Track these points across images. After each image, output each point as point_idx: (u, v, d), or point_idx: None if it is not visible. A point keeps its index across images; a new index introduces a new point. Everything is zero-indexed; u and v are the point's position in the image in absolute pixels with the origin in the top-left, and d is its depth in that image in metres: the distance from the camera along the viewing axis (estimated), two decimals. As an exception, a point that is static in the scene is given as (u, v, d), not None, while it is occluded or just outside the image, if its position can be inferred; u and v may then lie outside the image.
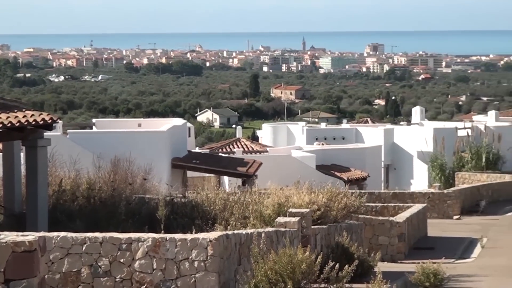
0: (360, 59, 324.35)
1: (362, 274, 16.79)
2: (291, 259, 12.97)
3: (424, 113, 63.77)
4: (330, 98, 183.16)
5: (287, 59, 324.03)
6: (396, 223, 24.00)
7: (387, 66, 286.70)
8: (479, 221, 33.22)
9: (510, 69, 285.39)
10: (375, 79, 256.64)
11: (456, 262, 22.98)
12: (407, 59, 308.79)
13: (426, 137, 50.32)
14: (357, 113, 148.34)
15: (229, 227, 15.70)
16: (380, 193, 35.16)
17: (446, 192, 35.76)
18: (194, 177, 37.12)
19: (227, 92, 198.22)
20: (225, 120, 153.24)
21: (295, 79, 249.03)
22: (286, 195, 18.01)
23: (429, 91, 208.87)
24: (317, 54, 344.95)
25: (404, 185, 49.48)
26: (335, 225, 18.89)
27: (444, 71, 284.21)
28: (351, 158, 46.05)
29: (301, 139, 54.87)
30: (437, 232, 28.77)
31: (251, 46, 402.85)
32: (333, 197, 19.30)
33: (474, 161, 47.91)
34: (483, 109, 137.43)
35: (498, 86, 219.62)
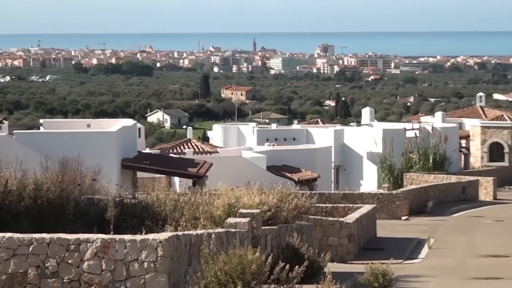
0: (311, 60, 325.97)
1: (312, 274, 16.84)
2: (241, 259, 12.95)
3: (373, 114, 64.31)
4: (280, 99, 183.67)
5: (238, 60, 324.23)
6: (346, 224, 24.13)
7: (337, 67, 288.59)
8: (426, 222, 33.58)
9: (456, 70, 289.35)
10: (325, 80, 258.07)
11: (404, 263, 23.18)
12: (357, 60, 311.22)
13: (376, 138, 50.72)
14: (307, 114, 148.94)
15: (180, 227, 15.62)
16: (330, 194, 35.34)
17: (394, 192, 36.08)
18: (144, 177, 36.89)
19: (177, 93, 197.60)
20: (176, 121, 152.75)
21: (246, 80, 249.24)
22: (236, 195, 17.98)
23: (378, 92, 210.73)
24: (268, 55, 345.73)
25: (354, 185, 49.80)
26: (285, 226, 18.91)
27: (393, 72, 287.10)
28: (302, 158, 46.19)
29: (251, 140, 54.90)
30: (386, 233, 29.00)
31: (202, 46, 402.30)
32: (283, 198, 19.31)
33: (422, 162, 48.42)
34: (430, 110, 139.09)
35: (445, 88, 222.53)
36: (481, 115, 67.82)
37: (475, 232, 30.50)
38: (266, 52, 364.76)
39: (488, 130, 62.52)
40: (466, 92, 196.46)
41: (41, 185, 16.64)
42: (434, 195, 39.30)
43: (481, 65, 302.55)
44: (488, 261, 23.43)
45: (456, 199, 40.67)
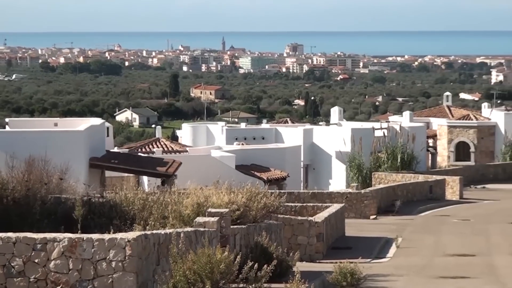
0: (280, 60, 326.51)
1: (281, 274, 16.83)
2: (209, 259, 12.92)
3: (342, 113, 64.50)
4: (250, 98, 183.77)
5: (207, 59, 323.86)
6: (315, 223, 24.16)
7: (306, 66, 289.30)
8: (394, 221, 33.73)
9: (423, 70, 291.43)
10: (294, 79, 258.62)
11: (372, 262, 23.26)
12: (326, 60, 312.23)
13: (344, 138, 50.88)
14: (276, 114, 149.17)
15: (148, 227, 15.55)
16: (299, 193, 35.38)
17: (363, 192, 36.19)
18: (112, 176, 36.69)
19: (146, 92, 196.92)
20: (145, 120, 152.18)
21: (215, 79, 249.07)
22: (205, 195, 17.94)
23: (347, 91, 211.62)
24: (237, 54, 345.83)
25: (323, 185, 49.91)
26: (254, 225, 18.89)
27: (362, 71, 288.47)
28: (271, 158, 46.22)
29: (220, 139, 54.83)
30: (355, 232, 29.09)
31: (171, 45, 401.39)
32: (252, 197, 19.30)
33: (390, 161, 48.64)
34: (398, 109, 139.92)
35: (413, 87, 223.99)
36: (448, 114, 68.31)
37: (442, 231, 30.70)
38: (235, 51, 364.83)
39: (455, 129, 62.99)
40: (433, 91, 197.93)
41: (7, 184, 16.47)
42: (402, 194, 39.49)
43: (448, 64, 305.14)
44: (454, 260, 23.59)
45: (424, 198, 40.90)
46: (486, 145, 62.50)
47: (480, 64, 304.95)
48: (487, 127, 62.69)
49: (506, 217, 34.59)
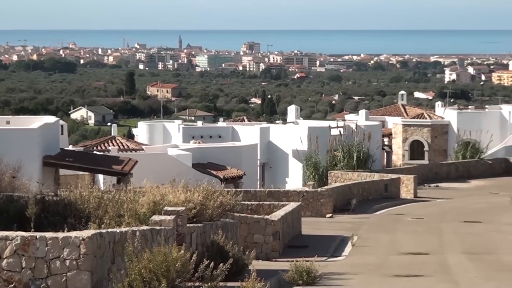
0: (237, 58, 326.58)
1: (237, 272, 16.82)
2: (165, 257, 12.86)
3: (299, 112, 64.65)
4: (206, 97, 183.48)
5: (164, 57, 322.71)
6: (271, 221, 24.18)
7: (263, 65, 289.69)
8: (350, 219, 33.90)
9: (379, 68, 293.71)
10: (251, 77, 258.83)
11: (328, 260, 23.33)
12: (282, 58, 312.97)
13: (301, 136, 51.02)
14: (233, 112, 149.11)
15: (103, 225, 15.43)
16: (256, 191, 35.37)
17: (319, 190, 36.31)
18: (67, 175, 36.33)
19: (102, 90, 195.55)
20: (100, 118, 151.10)
21: (172, 77, 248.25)
22: (161, 193, 17.86)
23: (304, 90, 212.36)
24: (194, 52, 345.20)
25: (280, 183, 49.99)
26: (210, 224, 18.85)
27: (318, 70, 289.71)
28: (228, 156, 46.17)
29: (177, 137, 54.64)
30: (311, 230, 29.18)
31: (127, 43, 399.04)
32: (209, 195, 19.25)
33: (346, 160, 48.87)
34: (354, 108, 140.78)
35: (369, 86, 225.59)
36: (403, 113, 68.90)
37: (397, 229, 30.92)
38: (192, 49, 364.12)
39: (409, 128, 63.53)
40: (388, 90, 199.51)
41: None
42: (357, 192, 39.70)
43: (403, 63, 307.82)
44: (408, 259, 23.78)
45: (379, 197, 41.16)
46: (439, 143, 63.14)
47: (434, 63, 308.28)
48: (441, 126, 63.35)
49: (459, 216, 34.98)
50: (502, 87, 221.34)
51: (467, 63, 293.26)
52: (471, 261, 23.06)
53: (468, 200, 41.91)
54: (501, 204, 37.90)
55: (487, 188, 48.10)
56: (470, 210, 37.28)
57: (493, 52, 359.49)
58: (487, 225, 32.08)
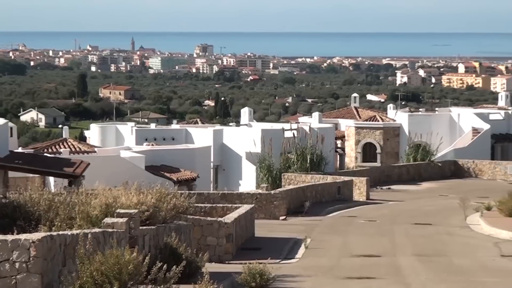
0: (190, 60, 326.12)
1: (190, 274, 16.78)
2: (118, 260, 12.78)
3: (252, 114, 64.72)
4: (160, 99, 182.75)
5: (116, 59, 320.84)
6: (224, 224, 24.15)
7: (216, 67, 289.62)
8: (303, 222, 34.00)
9: (332, 71, 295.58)
10: (204, 80, 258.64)
11: (281, 263, 23.38)
12: (236, 61, 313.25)
13: (254, 139, 51.08)
14: (187, 114, 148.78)
15: (54, 228, 15.28)
16: (209, 194, 35.30)
17: (273, 192, 36.36)
18: (16, 177, 35.86)
19: (53, 92, 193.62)
20: (51, 120, 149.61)
21: (125, 79, 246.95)
22: (114, 195, 17.74)
23: (257, 92, 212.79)
24: (147, 54, 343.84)
25: (233, 185, 49.98)
26: (163, 226, 18.77)
27: (272, 72, 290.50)
28: (181, 158, 46.04)
29: (130, 139, 54.34)
30: (264, 233, 29.21)
31: (79, 45, 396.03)
32: (162, 198, 19.18)
33: (300, 162, 49.03)
34: (308, 111, 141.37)
35: (322, 88, 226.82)
36: (356, 116, 69.36)
37: (349, 232, 31.10)
38: (145, 51, 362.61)
39: (362, 131, 63.99)
40: (341, 93, 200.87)
41: None
42: (311, 195, 39.82)
43: (356, 66, 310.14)
44: (361, 261, 23.93)
45: (332, 199, 41.34)
46: (391, 146, 63.71)
47: (386, 66, 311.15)
48: (392, 129, 63.93)
49: (410, 218, 35.30)
50: (451, 89, 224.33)
51: (418, 66, 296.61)
52: (422, 263, 23.29)
53: (419, 203, 42.32)
54: (450, 206, 38.33)
55: (437, 190, 48.62)
56: (421, 213, 37.66)
57: (443, 55, 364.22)
58: (438, 227, 32.43)
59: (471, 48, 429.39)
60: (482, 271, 21.80)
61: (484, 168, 56.03)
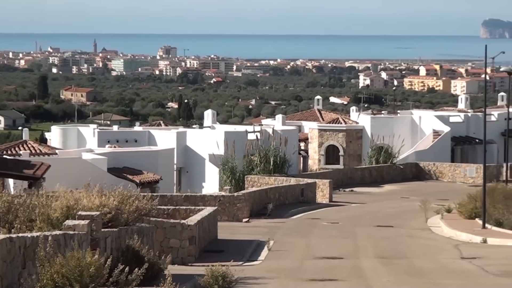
0: (153, 62, 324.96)
1: (152, 277, 16.70)
2: (79, 262, 12.68)
3: (215, 116, 64.69)
4: (122, 101, 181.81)
5: (78, 61, 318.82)
6: (187, 226, 24.08)
7: (179, 69, 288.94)
8: (266, 224, 34.02)
9: (295, 73, 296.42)
10: (168, 82, 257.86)
11: (244, 265, 23.36)
12: (199, 63, 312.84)
13: (218, 141, 51.03)
14: (150, 116, 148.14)
15: (13, 230, 15.10)
16: (172, 196, 35.19)
17: (236, 195, 36.34)
18: (-24, 180, 35.42)
19: (13, 94, 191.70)
20: (11, 122, 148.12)
21: (87, 81, 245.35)
22: (75, 197, 17.60)
23: (220, 94, 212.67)
24: (109, 56, 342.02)
25: (196, 188, 49.89)
26: (126, 228, 18.66)
27: (235, 75, 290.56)
28: (144, 160, 45.84)
29: (92, 142, 53.99)
30: (227, 235, 29.16)
31: (39, 47, 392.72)
32: (124, 200, 19.07)
33: (263, 164, 49.09)
34: (271, 113, 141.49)
35: (285, 90, 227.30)
36: (319, 118, 69.59)
37: (312, 234, 31.18)
38: (107, 53, 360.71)
39: (325, 133, 64.23)
40: (305, 95, 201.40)
41: None
42: (274, 197, 39.87)
43: (319, 68, 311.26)
44: (324, 263, 23.99)
45: (295, 201, 41.43)
46: (354, 148, 64.02)
47: (349, 68, 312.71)
48: (355, 131, 64.26)
49: (372, 220, 35.50)
50: (413, 92, 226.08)
51: (380, 69, 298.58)
52: (383, 265, 23.41)
53: (381, 205, 42.57)
54: (412, 208, 38.62)
55: (399, 193, 48.95)
56: (383, 215, 37.88)
57: (405, 57, 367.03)
58: (399, 229, 32.65)
59: (432, 51, 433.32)
60: (442, 273, 21.97)
61: (444, 170, 56.53)
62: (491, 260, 24.24)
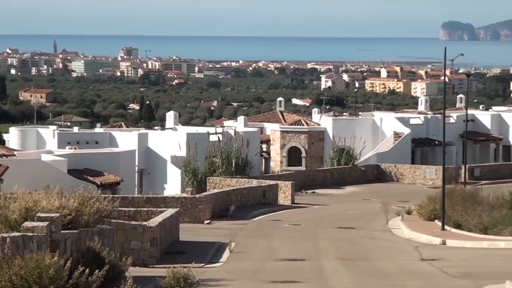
0: (114, 63, 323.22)
1: (113, 279, 16.60)
2: (38, 264, 12.55)
3: (177, 118, 64.49)
4: (83, 102, 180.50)
5: (37, 62, 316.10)
6: (149, 228, 23.98)
7: (141, 70, 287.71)
8: (228, 226, 33.99)
9: (258, 75, 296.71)
10: (129, 83, 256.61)
11: (205, 267, 23.33)
12: (161, 64, 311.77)
13: (180, 142, 50.89)
14: (111, 118, 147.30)
15: (-29, 232, 14.90)
16: (133, 198, 35.02)
17: (198, 196, 36.25)
18: None
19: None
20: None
21: (46, 82, 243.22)
22: (34, 199, 17.43)
23: (182, 96, 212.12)
24: (70, 57, 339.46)
25: (158, 189, 49.70)
26: (86, 230, 18.52)
27: (197, 76, 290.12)
28: (105, 162, 45.58)
29: (52, 143, 53.54)
30: (189, 237, 29.10)
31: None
32: (85, 202, 18.95)
33: (225, 166, 49.03)
34: (233, 114, 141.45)
35: (247, 92, 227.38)
36: (281, 120, 69.72)
37: (274, 235, 31.21)
38: (67, 54, 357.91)
39: (287, 135, 64.36)
40: (267, 97, 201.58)
41: None
42: (236, 199, 39.85)
43: (281, 70, 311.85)
44: (285, 265, 24.03)
45: (257, 203, 41.42)
46: (316, 150, 64.23)
47: (311, 70, 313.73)
48: (317, 133, 64.47)
49: (334, 222, 35.63)
50: (374, 94, 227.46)
51: (342, 70, 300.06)
52: (345, 267, 23.51)
53: (343, 206, 42.76)
54: (373, 210, 38.84)
55: (360, 194, 49.21)
56: (345, 216, 38.05)
57: (367, 59, 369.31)
58: (360, 231, 32.82)
59: (393, 53, 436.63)
60: (402, 275, 22.12)
61: (405, 172, 56.95)
62: (450, 261, 24.46)
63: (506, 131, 68.35)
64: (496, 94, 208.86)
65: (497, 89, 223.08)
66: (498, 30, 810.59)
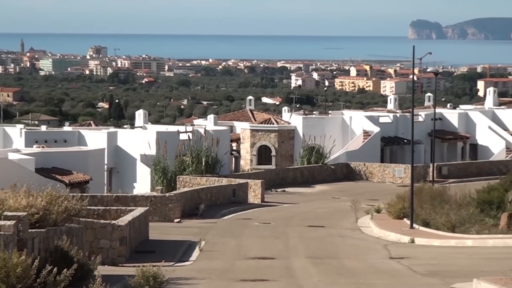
0: (83, 62, 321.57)
1: (82, 277, 16.51)
2: (5, 263, 12.45)
3: (147, 116, 64.29)
4: (51, 101, 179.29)
5: (4, 60, 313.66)
6: (118, 227, 23.89)
7: (110, 69, 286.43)
8: (198, 224, 33.96)
9: (227, 73, 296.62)
10: (98, 82, 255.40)
11: (175, 265, 23.28)
12: (130, 63, 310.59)
13: (149, 141, 50.74)
14: (80, 116, 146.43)
15: None
16: (102, 196, 34.89)
17: (167, 195, 36.19)
18: None
19: None
20: None
21: (13, 81, 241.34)
22: (1, 198, 17.31)
23: (152, 94, 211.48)
24: (37, 56, 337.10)
25: (127, 188, 49.46)
26: (54, 229, 18.40)
27: (167, 75, 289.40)
28: (73, 161, 45.31)
29: (19, 142, 53.13)
30: (158, 235, 29.02)
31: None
32: (53, 200, 18.83)
33: (195, 165, 48.96)
34: (203, 113, 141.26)
35: (217, 91, 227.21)
36: (251, 118, 69.74)
37: (244, 234, 31.23)
38: (35, 53, 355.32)
39: (257, 133, 64.38)
40: (237, 95, 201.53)
41: None
42: (206, 197, 39.81)
43: (251, 69, 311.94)
44: (255, 263, 24.05)
45: (227, 202, 41.43)
46: (286, 148, 64.31)
47: (281, 69, 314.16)
48: (287, 131, 64.56)
49: (304, 220, 35.71)
50: (344, 92, 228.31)
51: (311, 69, 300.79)
52: (314, 266, 23.57)
53: (313, 205, 42.85)
54: (342, 208, 38.98)
55: (330, 193, 49.35)
56: (314, 215, 38.14)
57: (336, 58, 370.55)
58: (330, 229, 32.92)
59: (362, 51, 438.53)
60: (372, 273, 22.21)
61: (374, 170, 57.21)
62: (418, 260, 24.62)
63: (473, 130, 68.90)
64: (464, 93, 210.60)
65: (464, 87, 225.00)
66: (466, 29, 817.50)
